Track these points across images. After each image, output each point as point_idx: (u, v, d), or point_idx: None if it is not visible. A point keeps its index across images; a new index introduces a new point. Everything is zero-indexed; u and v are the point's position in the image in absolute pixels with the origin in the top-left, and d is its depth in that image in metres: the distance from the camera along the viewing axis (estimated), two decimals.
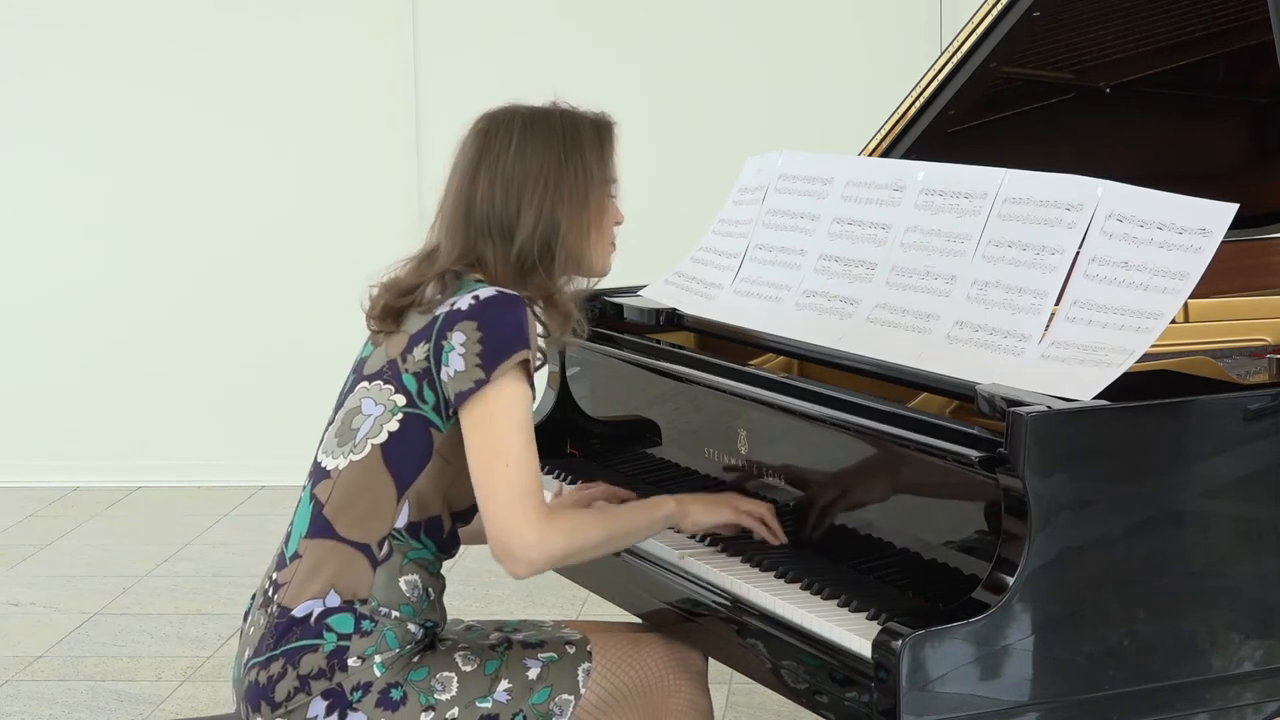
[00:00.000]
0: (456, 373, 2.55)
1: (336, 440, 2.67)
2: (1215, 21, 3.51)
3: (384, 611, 2.60)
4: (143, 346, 6.59)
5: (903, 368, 2.65)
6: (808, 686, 2.45)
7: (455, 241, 2.67)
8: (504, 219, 2.64)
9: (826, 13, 6.37)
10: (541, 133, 2.68)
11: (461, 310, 2.57)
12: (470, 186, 2.67)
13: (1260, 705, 2.45)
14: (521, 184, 2.65)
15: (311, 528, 2.65)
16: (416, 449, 2.61)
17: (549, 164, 2.66)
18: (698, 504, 2.75)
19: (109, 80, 6.51)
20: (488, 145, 2.68)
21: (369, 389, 2.66)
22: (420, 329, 2.61)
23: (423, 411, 2.60)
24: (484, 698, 2.62)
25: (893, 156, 3.44)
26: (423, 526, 2.64)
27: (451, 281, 2.63)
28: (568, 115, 2.72)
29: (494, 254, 2.65)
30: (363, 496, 2.62)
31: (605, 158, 2.72)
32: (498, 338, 2.55)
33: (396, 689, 2.58)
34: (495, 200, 2.65)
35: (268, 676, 2.59)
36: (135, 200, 6.56)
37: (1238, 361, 2.66)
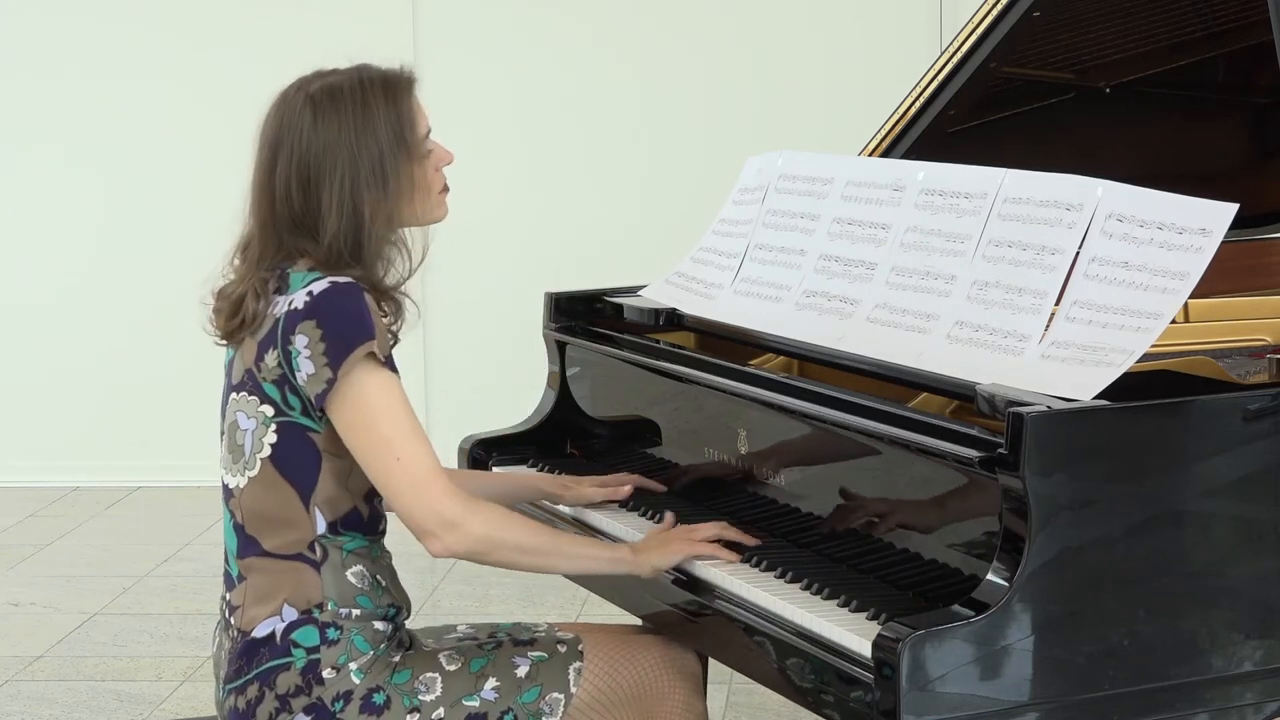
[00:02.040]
0: (309, 376, 2.51)
1: (230, 457, 2.64)
2: (1215, 21, 3.51)
3: (344, 613, 2.57)
4: (143, 346, 6.59)
5: (903, 368, 2.65)
6: (808, 687, 2.45)
7: (267, 235, 2.60)
8: (306, 214, 2.56)
9: (826, 13, 6.37)
10: (332, 115, 2.56)
11: (299, 310, 2.51)
12: (269, 179, 2.59)
13: (1260, 705, 2.45)
14: (318, 176, 2.55)
15: (240, 547, 2.63)
16: (304, 457, 2.57)
17: (342, 152, 2.55)
18: (652, 551, 2.70)
19: (108, 81, 6.51)
20: (282, 132, 2.58)
21: (238, 401, 2.62)
22: (265, 334, 2.56)
23: (293, 418, 2.56)
24: (470, 696, 2.59)
25: (893, 156, 3.43)
26: (340, 523, 2.59)
27: (279, 278, 2.57)
28: (357, 86, 2.58)
29: (309, 248, 2.57)
30: (273, 511, 2.58)
31: (404, 122, 2.59)
32: (338, 333, 2.49)
33: (379, 693, 2.56)
34: (294, 197, 2.57)
35: (246, 701, 2.57)
36: (135, 200, 6.56)
37: (1238, 361, 2.66)
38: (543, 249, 6.45)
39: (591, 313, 3.38)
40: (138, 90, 6.51)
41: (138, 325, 6.59)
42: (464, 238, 6.43)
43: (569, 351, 3.36)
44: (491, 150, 6.38)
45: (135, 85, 6.51)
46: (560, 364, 3.38)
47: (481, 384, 6.43)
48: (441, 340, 6.44)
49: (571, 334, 3.34)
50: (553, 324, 3.38)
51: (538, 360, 3.43)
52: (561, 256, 6.36)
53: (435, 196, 2.67)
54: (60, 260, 6.60)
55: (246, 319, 2.58)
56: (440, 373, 6.50)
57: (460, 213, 5.86)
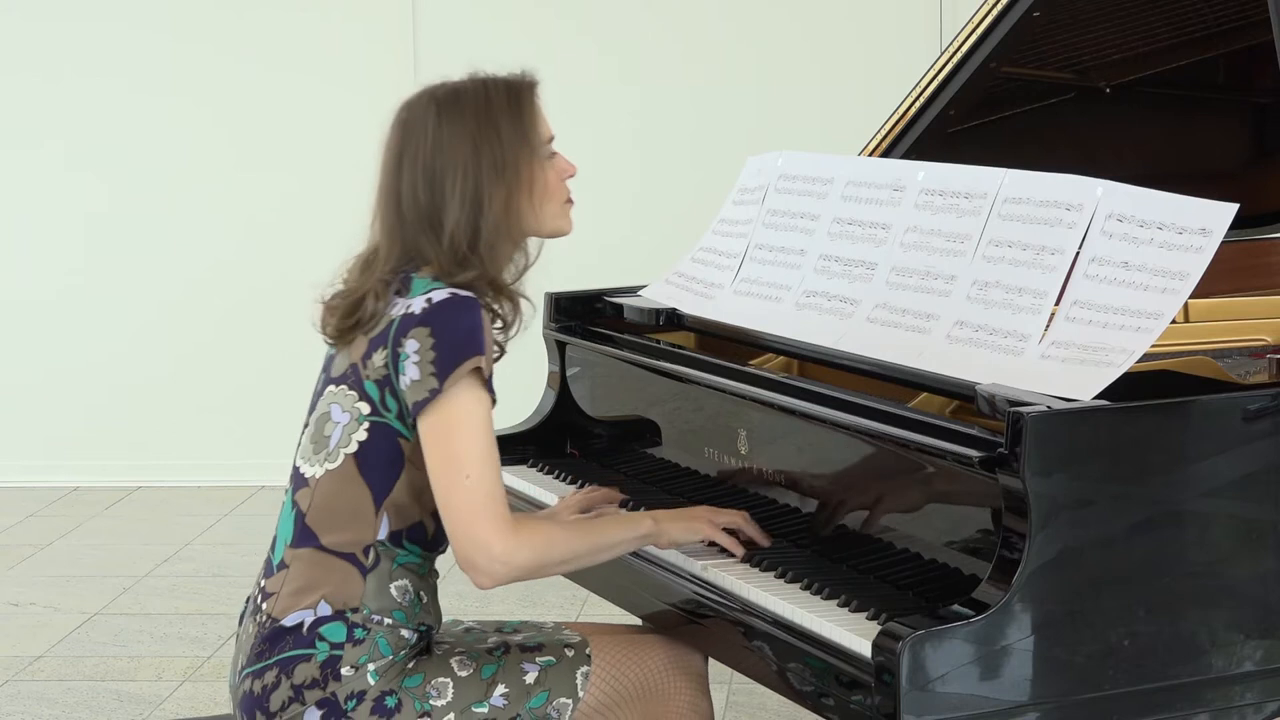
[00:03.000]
0: (412, 382, 2.52)
1: (312, 447, 2.65)
2: (1215, 21, 3.51)
3: (376, 619, 2.58)
4: (143, 346, 6.59)
5: (903, 368, 2.64)
6: (808, 687, 2.45)
7: (393, 241, 2.63)
8: (431, 210, 2.59)
9: (826, 13, 6.37)
10: (455, 114, 2.61)
11: (415, 314, 2.53)
12: (396, 183, 2.63)
13: (1260, 705, 2.45)
14: (442, 172, 2.59)
15: (295, 536, 2.63)
16: (388, 459, 2.58)
17: (464, 145, 2.59)
18: (674, 522, 2.71)
19: (106, 82, 6.51)
20: (407, 138, 2.63)
21: (335, 394, 2.63)
22: (378, 333, 2.58)
23: (387, 420, 2.57)
24: (480, 703, 2.60)
25: (893, 156, 3.43)
26: (405, 534, 2.61)
27: (401, 282, 2.59)
28: (480, 88, 2.64)
29: (430, 248, 2.60)
30: (342, 507, 2.59)
31: (526, 121, 2.65)
32: (450, 344, 2.51)
33: (391, 696, 2.57)
34: (420, 193, 2.60)
35: (262, 686, 2.58)
36: (135, 200, 6.56)
37: (1238, 361, 2.66)
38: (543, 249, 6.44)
39: (591, 313, 3.38)
40: (137, 90, 6.51)
41: (138, 325, 6.59)
42: None
43: (569, 351, 3.36)
44: None
45: (135, 84, 6.51)
46: (560, 364, 3.38)
47: None
48: None
49: (571, 334, 3.34)
50: (553, 324, 3.38)
51: (538, 360, 3.43)
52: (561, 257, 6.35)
53: (559, 205, 2.71)
54: (61, 260, 6.60)
55: (363, 319, 2.60)
56: None
57: None
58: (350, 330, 2.62)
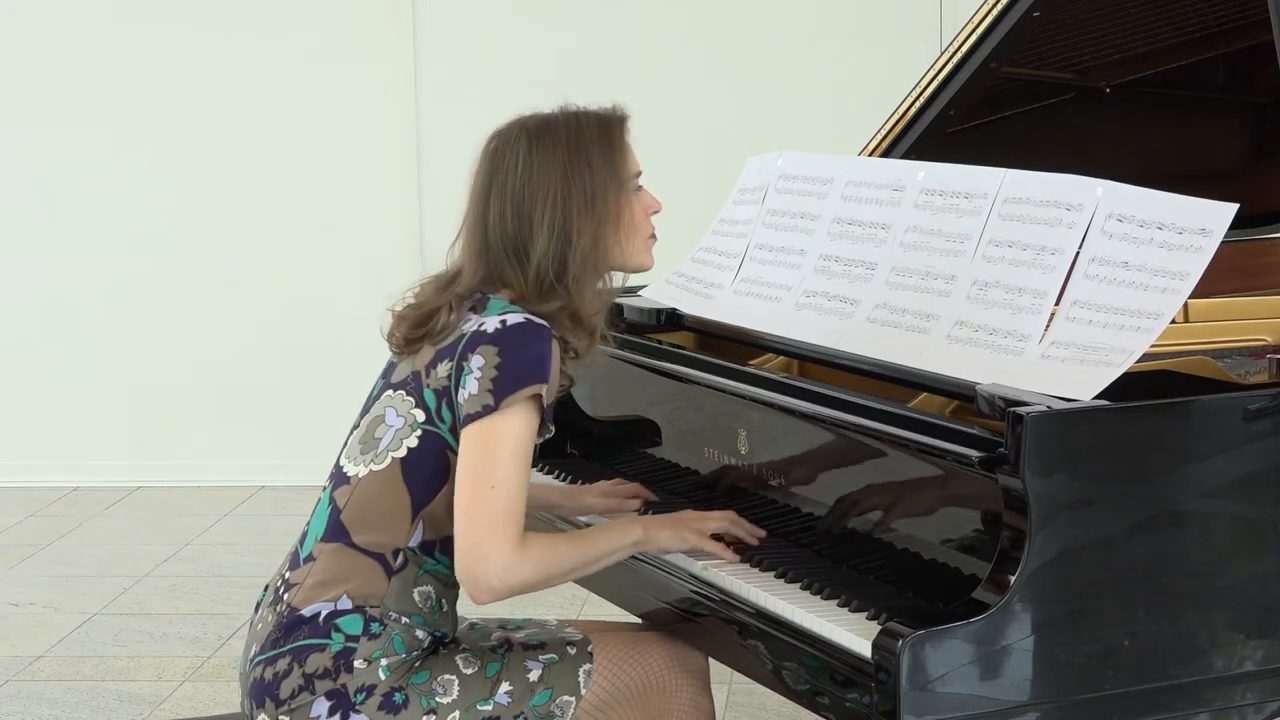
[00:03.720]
0: (470, 395, 2.53)
1: (360, 447, 2.66)
2: (1215, 21, 3.51)
3: (394, 616, 2.60)
4: (143, 346, 6.59)
5: (903, 368, 2.65)
6: (808, 687, 2.45)
7: (477, 267, 2.65)
8: (518, 240, 2.61)
9: (826, 13, 6.37)
10: (546, 145, 2.64)
11: (487, 333, 2.55)
12: (484, 210, 2.65)
13: (1261, 705, 2.45)
14: (531, 202, 2.61)
15: (328, 531, 2.65)
16: (434, 469, 2.59)
17: (555, 176, 2.62)
18: (663, 529, 2.71)
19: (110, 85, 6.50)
20: (497, 166, 2.65)
21: (393, 398, 2.64)
22: (447, 344, 2.59)
23: (440, 431, 2.58)
24: (485, 700, 2.61)
25: (893, 156, 3.43)
26: (438, 545, 2.62)
27: (478, 301, 2.62)
28: (572, 120, 2.68)
29: (514, 275, 2.62)
30: (380, 508, 2.61)
31: (616, 155, 2.67)
32: (516, 368, 2.52)
33: (399, 692, 2.58)
34: (508, 222, 2.62)
35: (274, 673, 2.59)
36: (135, 202, 6.55)
37: (1238, 361, 2.66)
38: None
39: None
40: (138, 94, 6.50)
41: (138, 325, 6.59)
42: None
43: None
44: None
45: (134, 84, 6.50)
46: None
47: None
48: None
49: None
50: None
51: None
52: None
53: (644, 241, 2.72)
54: (61, 260, 6.59)
55: (432, 331, 2.61)
56: None
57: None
58: (417, 341, 2.64)
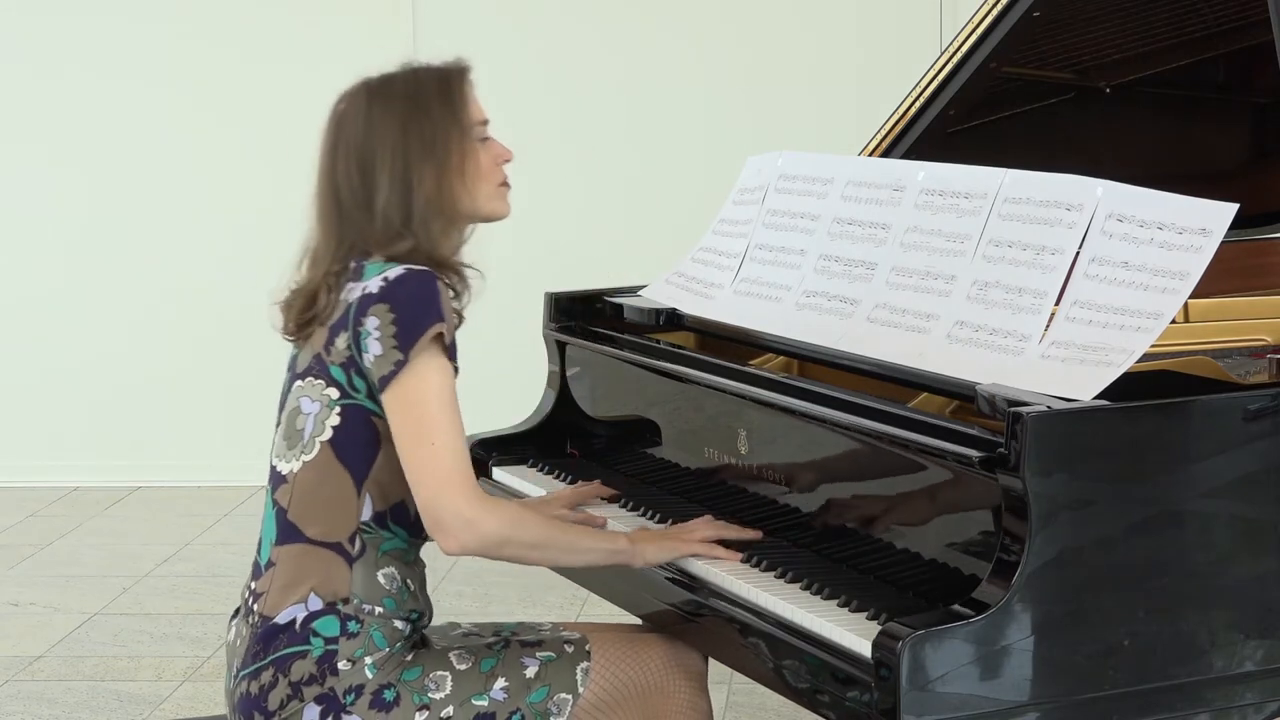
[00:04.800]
0: (376, 357, 2.54)
1: (285, 443, 2.66)
2: (1215, 21, 3.51)
3: (367, 609, 2.59)
4: (143, 346, 6.59)
5: (903, 368, 2.65)
6: (808, 687, 2.45)
7: (331, 231, 2.65)
8: (364, 192, 2.62)
9: (826, 12, 6.37)
10: (386, 99, 2.65)
11: (372, 293, 2.56)
12: (331, 172, 2.66)
13: (1261, 705, 2.45)
14: (373, 154, 2.62)
15: (280, 534, 2.64)
16: (364, 439, 2.59)
17: (394, 127, 2.62)
18: (650, 544, 2.72)
19: (104, 80, 6.50)
20: (341, 126, 2.66)
21: (303, 386, 2.65)
22: (338, 318, 2.60)
23: (358, 400, 2.59)
24: (480, 695, 2.61)
25: (893, 156, 3.43)
26: (389, 514, 2.62)
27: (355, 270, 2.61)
28: (411, 75, 2.68)
29: (365, 230, 2.62)
30: (323, 496, 2.61)
31: (457, 104, 2.67)
32: (409, 315, 2.53)
33: (389, 690, 2.57)
34: (353, 177, 2.63)
35: (259, 686, 2.58)
36: (136, 199, 6.56)
37: (1238, 361, 2.66)
38: (542, 249, 6.45)
39: (591, 313, 3.38)
40: (135, 88, 6.51)
41: (138, 325, 6.59)
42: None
43: (569, 351, 3.36)
44: None
45: (132, 84, 6.51)
46: (560, 364, 3.38)
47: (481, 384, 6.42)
48: None
49: (571, 334, 3.35)
50: (553, 324, 3.39)
51: (538, 360, 3.43)
52: (561, 256, 6.36)
53: (494, 188, 2.71)
54: (60, 259, 6.59)
55: (319, 313, 2.63)
56: None
57: None
58: (308, 324, 2.65)
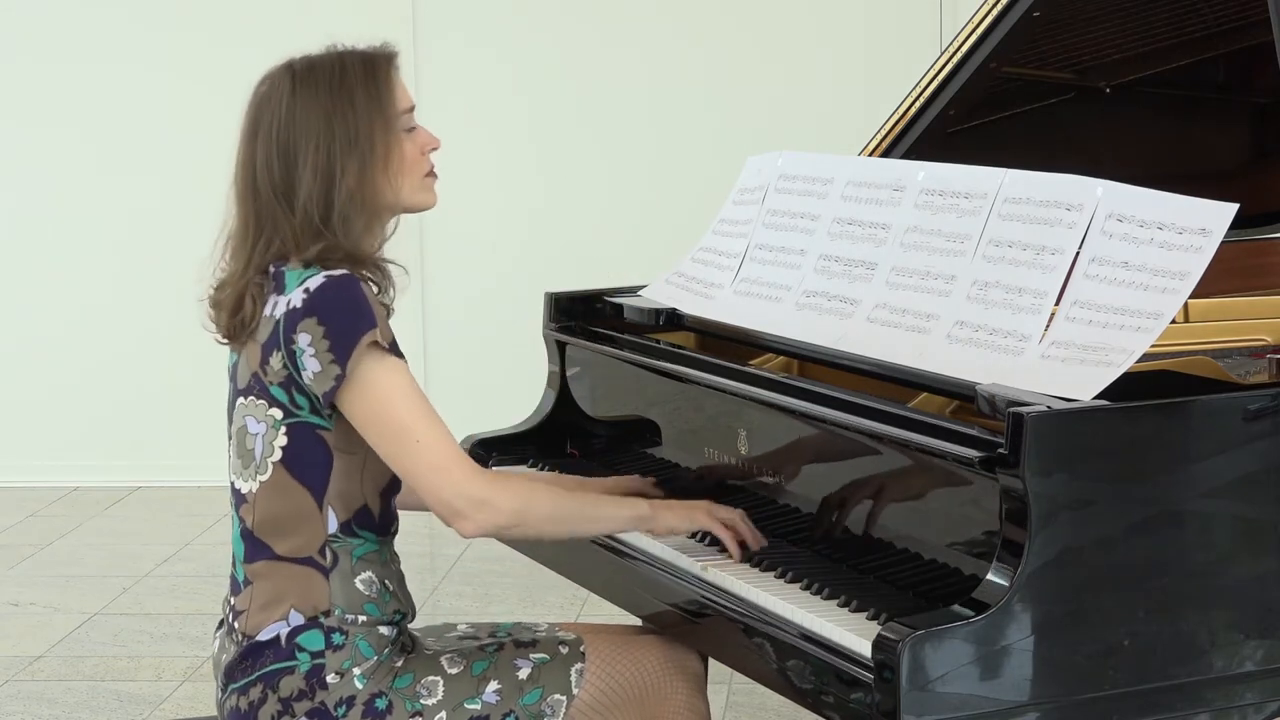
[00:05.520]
0: (315, 374, 2.50)
1: (240, 462, 2.64)
2: (1215, 21, 3.51)
3: (350, 619, 2.57)
4: (143, 346, 6.59)
5: (903, 368, 2.64)
6: (808, 687, 2.45)
7: (247, 216, 2.60)
8: (285, 184, 2.57)
9: (826, 12, 6.37)
10: (310, 86, 2.58)
11: (298, 308, 2.51)
12: (251, 156, 2.61)
13: (1261, 705, 2.45)
14: (295, 144, 2.56)
15: (249, 552, 2.62)
16: (316, 456, 2.56)
17: (318, 118, 2.56)
18: (671, 509, 2.71)
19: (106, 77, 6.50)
20: (262, 110, 2.60)
21: (246, 405, 2.61)
22: (268, 337, 2.55)
23: (302, 418, 2.55)
24: (472, 699, 2.59)
25: (893, 156, 3.43)
26: (353, 521, 2.59)
27: (274, 279, 2.57)
28: (336, 60, 2.61)
29: (284, 221, 2.57)
30: (286, 514, 2.58)
31: (383, 91, 2.61)
32: (340, 326, 2.48)
33: (381, 698, 2.56)
34: (274, 167, 2.58)
35: (248, 702, 2.57)
36: (133, 200, 6.56)
37: (1238, 361, 2.66)
38: (543, 249, 6.45)
39: (591, 313, 3.38)
40: (133, 88, 6.51)
41: (138, 325, 6.59)
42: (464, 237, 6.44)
43: (569, 351, 3.36)
44: (491, 150, 6.38)
45: (131, 83, 6.51)
46: (560, 364, 3.38)
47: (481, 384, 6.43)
48: (441, 340, 6.43)
49: (571, 334, 3.34)
50: (553, 324, 3.38)
51: (538, 360, 3.42)
52: (561, 256, 6.36)
53: (419, 179, 2.65)
54: (59, 261, 6.59)
55: (246, 320, 2.58)
56: (440, 373, 6.49)
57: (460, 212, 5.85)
58: (239, 329, 2.60)
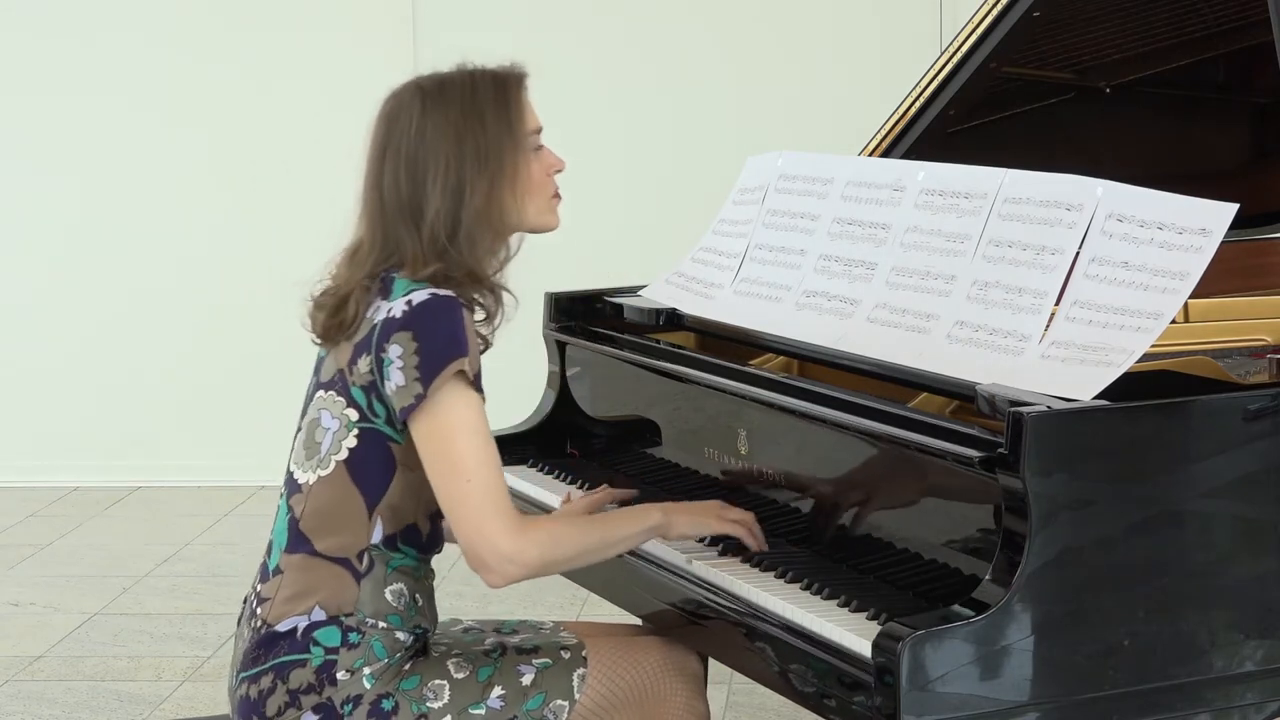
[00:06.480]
0: (398, 387, 2.51)
1: (305, 452, 2.65)
2: (1215, 21, 3.51)
3: (370, 623, 2.58)
4: (143, 346, 6.59)
5: (903, 368, 2.65)
6: (808, 687, 2.45)
7: (375, 232, 2.62)
8: (412, 201, 2.58)
9: (826, 13, 6.37)
10: (440, 105, 2.60)
11: (396, 318, 2.52)
12: (379, 174, 2.62)
13: (1261, 705, 2.45)
14: (424, 162, 2.58)
15: (290, 542, 2.63)
16: (379, 465, 2.57)
17: (448, 136, 2.58)
18: (683, 515, 2.71)
19: (106, 78, 6.50)
20: (391, 128, 2.62)
21: (325, 400, 2.62)
22: (362, 338, 2.57)
23: (376, 425, 2.56)
24: (477, 704, 2.60)
25: (893, 156, 3.43)
26: (399, 537, 2.60)
27: (382, 284, 2.58)
28: (467, 78, 2.63)
29: (410, 239, 2.58)
30: (336, 512, 2.59)
31: (512, 112, 2.63)
32: (432, 348, 2.50)
33: (388, 699, 2.56)
34: (401, 184, 2.59)
35: (258, 691, 2.58)
36: (133, 198, 6.56)
37: (1238, 361, 2.66)
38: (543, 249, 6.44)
39: (591, 313, 3.38)
40: (131, 87, 6.51)
41: (138, 325, 6.59)
42: None
43: (569, 351, 3.36)
44: None
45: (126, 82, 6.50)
46: (560, 364, 3.38)
47: None
48: None
49: (571, 334, 3.34)
50: (553, 324, 3.38)
51: (538, 360, 3.42)
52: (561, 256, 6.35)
53: (545, 200, 2.68)
54: (59, 260, 6.59)
55: (346, 320, 2.59)
56: None
57: None
58: (336, 330, 2.61)
